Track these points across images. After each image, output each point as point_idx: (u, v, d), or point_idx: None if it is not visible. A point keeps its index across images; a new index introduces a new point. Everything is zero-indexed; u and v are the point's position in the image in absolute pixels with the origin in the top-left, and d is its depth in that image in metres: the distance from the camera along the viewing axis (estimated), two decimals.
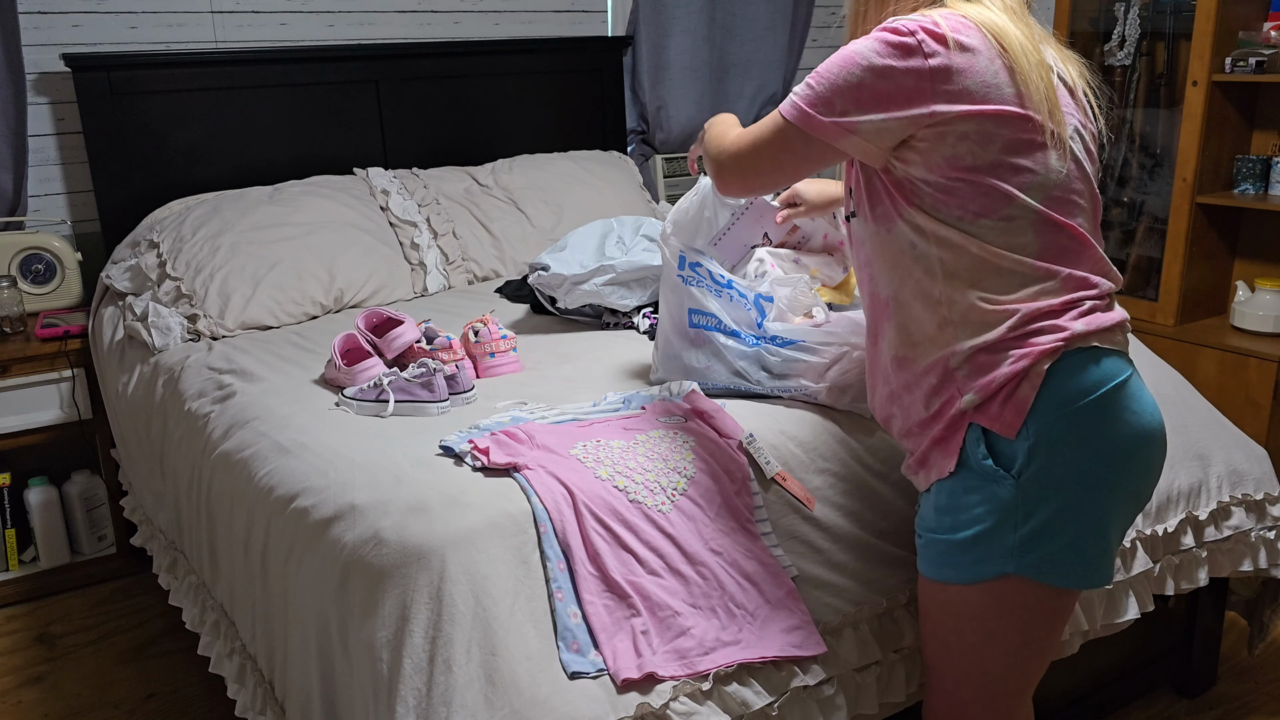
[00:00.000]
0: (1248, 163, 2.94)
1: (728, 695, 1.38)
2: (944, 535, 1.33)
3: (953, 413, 1.29)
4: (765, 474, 1.60)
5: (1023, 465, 1.25)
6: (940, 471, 1.33)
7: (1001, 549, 1.28)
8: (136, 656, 2.43)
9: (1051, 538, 1.26)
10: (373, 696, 1.33)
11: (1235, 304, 2.98)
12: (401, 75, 3.18)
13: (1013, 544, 1.27)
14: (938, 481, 1.34)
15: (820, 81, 1.27)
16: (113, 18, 2.87)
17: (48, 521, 2.70)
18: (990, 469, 1.27)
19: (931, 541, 1.36)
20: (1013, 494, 1.26)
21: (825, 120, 1.27)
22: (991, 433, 1.27)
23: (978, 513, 1.28)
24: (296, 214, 2.72)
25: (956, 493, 1.31)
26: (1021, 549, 1.27)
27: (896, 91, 1.23)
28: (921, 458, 1.37)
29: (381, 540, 1.41)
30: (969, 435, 1.29)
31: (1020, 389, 1.25)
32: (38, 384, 2.63)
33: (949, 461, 1.31)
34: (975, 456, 1.28)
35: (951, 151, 1.24)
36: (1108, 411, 1.26)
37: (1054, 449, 1.24)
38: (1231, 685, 2.21)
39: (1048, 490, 1.25)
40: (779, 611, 1.47)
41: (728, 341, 1.77)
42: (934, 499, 1.35)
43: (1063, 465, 1.25)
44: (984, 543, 1.29)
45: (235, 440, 1.86)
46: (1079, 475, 1.25)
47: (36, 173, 2.85)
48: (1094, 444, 1.26)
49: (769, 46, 3.87)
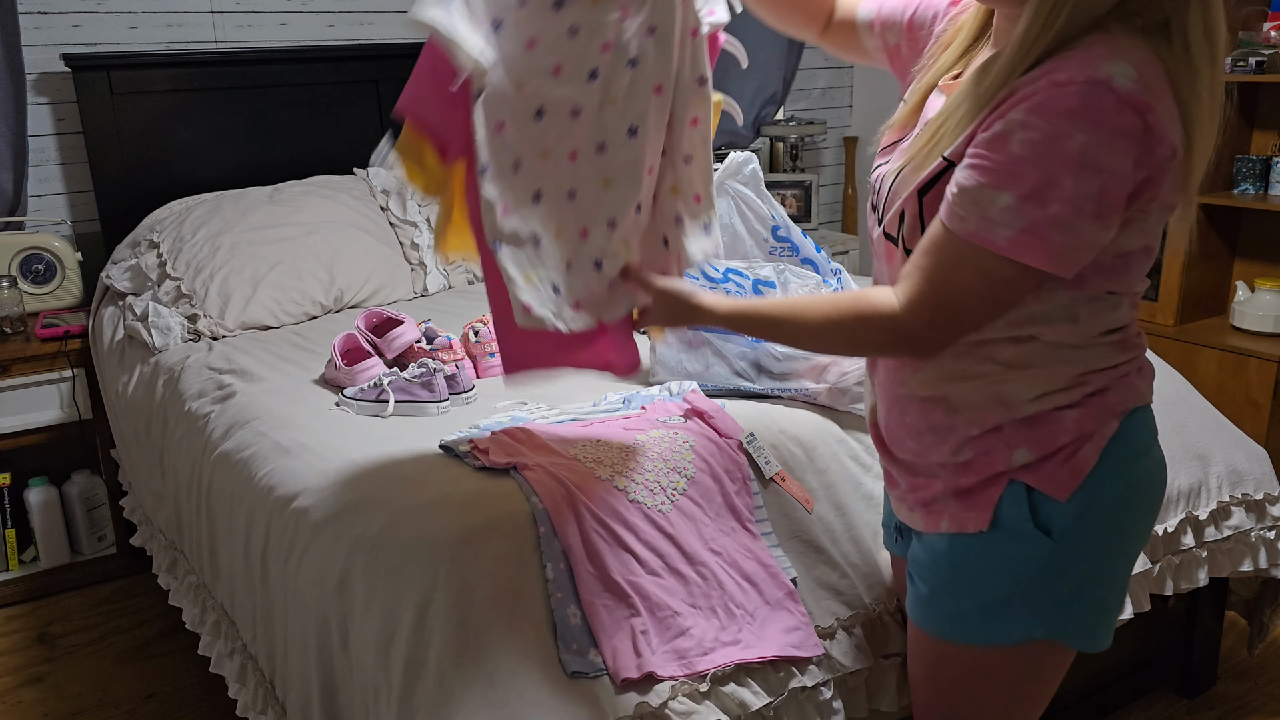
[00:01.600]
0: (1248, 163, 2.94)
1: (726, 696, 1.38)
2: (961, 594, 1.20)
3: (994, 469, 1.15)
4: (765, 474, 1.60)
5: (1067, 528, 1.13)
6: (961, 525, 1.18)
7: (1029, 612, 1.17)
8: (136, 656, 2.43)
9: (1083, 600, 1.17)
10: (373, 696, 1.33)
11: (1235, 304, 2.98)
12: (401, 75, 3.16)
13: (1042, 607, 1.16)
14: (956, 535, 1.19)
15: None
16: (113, 18, 2.87)
17: (48, 521, 2.70)
18: (1029, 531, 1.14)
19: (942, 597, 1.22)
20: (1049, 556, 1.14)
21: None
22: (1037, 492, 1.14)
23: (1006, 575, 1.16)
24: (296, 214, 2.72)
25: (981, 551, 1.17)
26: (1053, 612, 1.17)
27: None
28: (929, 500, 1.22)
29: (381, 540, 1.41)
30: (1008, 493, 1.15)
31: (1083, 450, 1.12)
32: (38, 384, 2.63)
33: (978, 518, 1.16)
34: (1014, 517, 1.14)
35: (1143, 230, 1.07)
36: (1156, 469, 1.18)
37: (1104, 512, 1.14)
38: (1231, 685, 2.21)
39: (1087, 552, 1.15)
40: (778, 612, 1.47)
41: (726, 342, 1.77)
42: (948, 552, 1.20)
43: (1108, 527, 1.15)
44: (1010, 606, 1.17)
45: (235, 440, 1.86)
46: (1120, 535, 1.17)
47: (36, 173, 2.85)
48: (1140, 503, 1.17)
49: (769, 46, 3.87)
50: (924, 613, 1.25)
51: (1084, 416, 1.12)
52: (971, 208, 1.01)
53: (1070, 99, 0.96)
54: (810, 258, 1.97)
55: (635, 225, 1.30)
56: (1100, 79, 0.95)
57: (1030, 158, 0.98)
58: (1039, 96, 0.98)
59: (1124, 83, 0.96)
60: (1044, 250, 1.00)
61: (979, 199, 1.01)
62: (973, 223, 1.02)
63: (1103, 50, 0.98)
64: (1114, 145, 0.96)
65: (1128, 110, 0.96)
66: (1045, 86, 0.98)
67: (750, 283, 1.82)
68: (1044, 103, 0.97)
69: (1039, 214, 0.98)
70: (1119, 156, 0.97)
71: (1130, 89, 0.96)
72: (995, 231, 1.00)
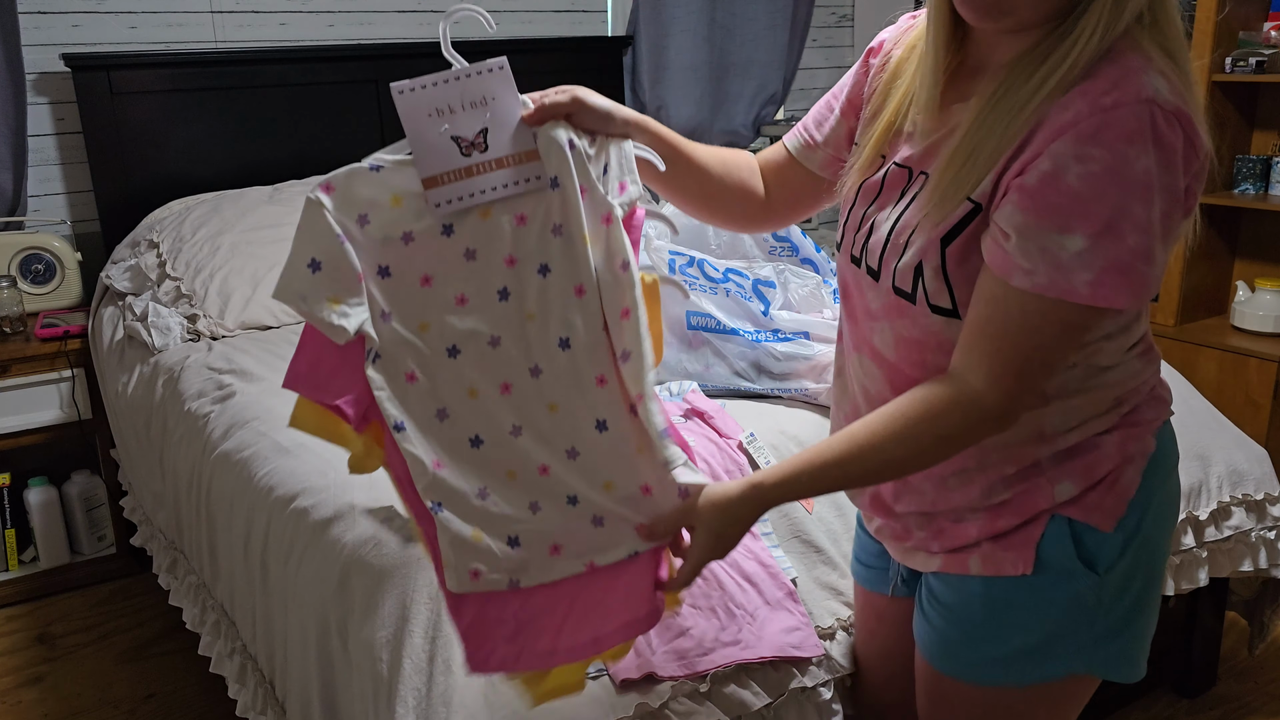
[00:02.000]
0: (1248, 163, 2.94)
1: (726, 696, 1.38)
2: (1000, 638, 1.11)
3: (1036, 507, 1.07)
4: None
5: (1113, 560, 1.07)
6: (997, 568, 1.09)
7: (1072, 649, 1.10)
8: (136, 656, 2.43)
9: (1127, 631, 1.11)
10: (373, 696, 1.33)
11: (1235, 304, 2.98)
12: (401, 75, 3.17)
13: (1086, 643, 1.09)
14: (993, 578, 1.10)
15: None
16: (113, 18, 2.87)
17: (47, 521, 2.69)
18: (1076, 569, 1.07)
19: (976, 642, 1.13)
20: (1094, 592, 1.07)
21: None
22: (1079, 525, 1.07)
23: (1049, 615, 1.09)
24: (296, 214, 2.69)
25: (1023, 594, 1.09)
26: (1095, 647, 1.10)
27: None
28: (955, 547, 1.12)
29: (381, 540, 1.41)
30: (1051, 530, 1.07)
31: (1125, 474, 1.07)
32: (37, 384, 2.62)
33: (1017, 559, 1.08)
34: (1059, 555, 1.07)
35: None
36: (1178, 483, 1.15)
37: (1147, 536, 1.09)
38: (1231, 685, 2.21)
39: (1131, 582, 1.09)
40: (778, 612, 1.47)
41: (727, 342, 1.77)
42: (983, 596, 1.11)
43: (1150, 551, 1.10)
44: (1053, 644, 1.10)
45: (235, 440, 1.86)
46: (1159, 559, 1.12)
47: (36, 173, 2.85)
48: (1171, 520, 1.13)
49: (769, 46, 3.87)
50: (950, 658, 1.15)
51: (1124, 439, 1.07)
52: (1039, 258, 0.91)
53: (1127, 122, 0.88)
54: (810, 258, 1.97)
55: (610, 446, 1.10)
56: (1148, 96, 0.89)
57: (1095, 192, 0.89)
58: (1087, 124, 0.89)
59: (1167, 96, 0.89)
60: (1127, 287, 0.91)
61: (1046, 246, 0.91)
62: (1044, 275, 0.91)
63: (1137, 61, 0.91)
64: (1170, 163, 0.90)
65: (1174, 124, 0.90)
66: (1091, 111, 0.89)
67: (750, 283, 1.82)
68: (1097, 130, 0.89)
69: (1117, 249, 0.89)
70: (1175, 174, 0.91)
71: (1172, 101, 0.90)
72: (1073, 279, 0.91)
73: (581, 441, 1.10)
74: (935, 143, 1.04)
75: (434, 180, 1.05)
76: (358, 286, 1.04)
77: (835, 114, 1.20)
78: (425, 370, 1.08)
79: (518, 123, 1.07)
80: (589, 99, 1.11)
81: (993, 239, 0.95)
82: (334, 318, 1.02)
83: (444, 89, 1.05)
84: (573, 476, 1.10)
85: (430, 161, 1.05)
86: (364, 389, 1.07)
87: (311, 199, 1.03)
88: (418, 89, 1.05)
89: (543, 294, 1.07)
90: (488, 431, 1.09)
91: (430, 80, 1.05)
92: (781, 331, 1.78)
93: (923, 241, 1.01)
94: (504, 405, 1.09)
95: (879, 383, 1.12)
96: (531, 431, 1.09)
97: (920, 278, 1.02)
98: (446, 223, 1.06)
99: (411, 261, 1.06)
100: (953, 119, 1.03)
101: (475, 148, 1.06)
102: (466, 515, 1.09)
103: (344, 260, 1.03)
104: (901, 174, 1.07)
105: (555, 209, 1.07)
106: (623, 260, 1.07)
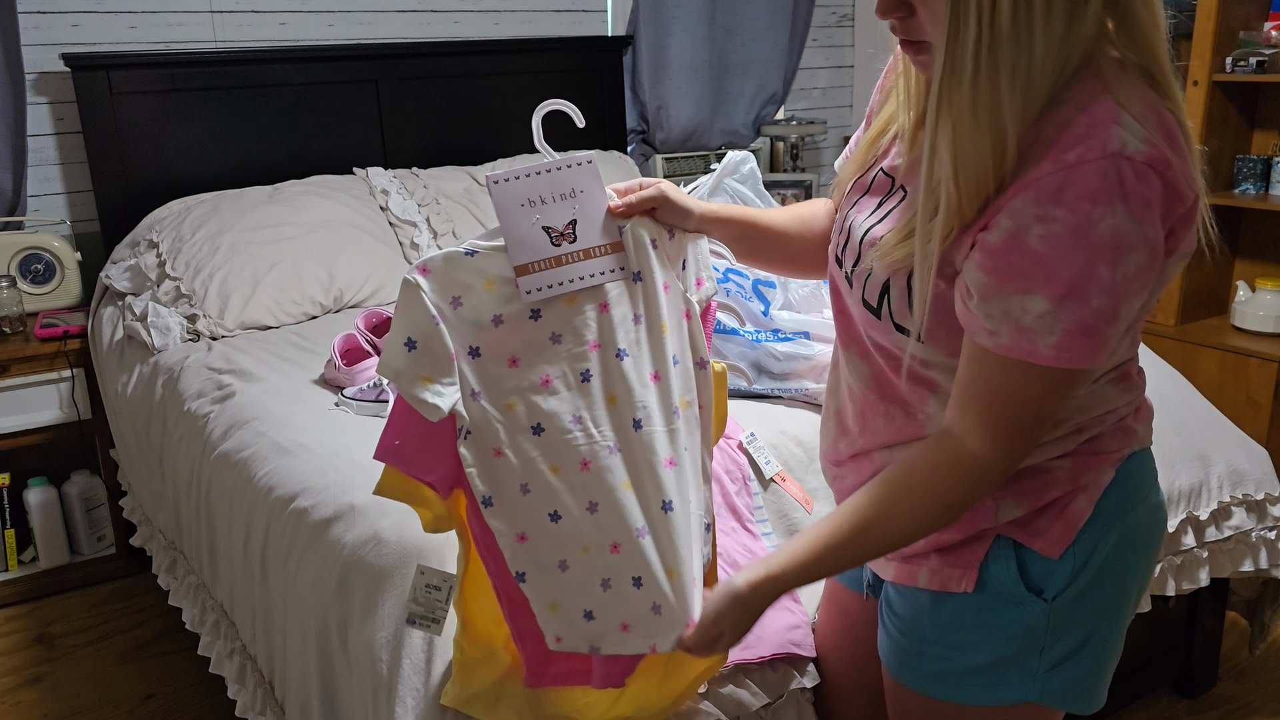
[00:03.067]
0: (1248, 162, 2.94)
1: (724, 696, 1.38)
2: (947, 655, 1.10)
3: (979, 525, 1.06)
4: (765, 474, 1.60)
5: (1061, 587, 1.05)
6: (943, 583, 1.09)
7: (1022, 676, 1.08)
8: (136, 657, 2.43)
9: (1080, 662, 1.08)
10: (372, 696, 1.33)
11: (1236, 304, 2.98)
12: (401, 75, 3.18)
13: (1036, 671, 1.07)
14: (940, 592, 1.10)
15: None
16: (112, 17, 2.87)
17: (47, 522, 2.69)
18: (1020, 593, 1.05)
19: (925, 656, 1.12)
20: (1042, 619, 1.05)
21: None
22: (1025, 549, 1.05)
23: (996, 637, 1.07)
24: (296, 214, 2.71)
25: (968, 613, 1.08)
26: (1046, 676, 1.07)
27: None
28: (907, 555, 1.12)
29: (381, 540, 1.41)
30: (994, 549, 1.06)
31: (1076, 502, 1.04)
32: (37, 384, 2.62)
33: (961, 577, 1.07)
34: (1002, 578, 1.06)
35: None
36: (1155, 515, 1.10)
37: (1102, 568, 1.05)
38: (1232, 685, 2.21)
39: (1083, 612, 1.06)
40: (778, 612, 1.47)
41: (727, 342, 1.77)
42: (931, 609, 1.11)
43: (1106, 584, 1.07)
44: (1001, 668, 1.08)
45: (235, 440, 1.86)
46: (1118, 591, 1.08)
47: (36, 172, 2.85)
48: (1138, 554, 1.09)
49: (769, 46, 3.87)
50: (904, 668, 1.15)
51: (1077, 466, 1.04)
52: (1001, 320, 0.90)
53: (1089, 180, 0.84)
54: None
55: (675, 528, 1.14)
56: (1114, 150, 0.84)
57: (1057, 254, 0.86)
58: (1049, 180, 0.86)
59: (1139, 146, 0.85)
60: (1091, 349, 0.89)
61: (1008, 309, 0.89)
62: (1007, 336, 0.90)
63: (1106, 109, 0.87)
64: (1144, 216, 0.85)
65: (1149, 174, 0.85)
66: (1054, 169, 0.86)
67: (750, 283, 1.82)
68: (1059, 189, 0.85)
69: (1080, 311, 0.87)
70: (1150, 226, 0.86)
71: (1146, 151, 0.85)
72: (1036, 341, 0.89)
73: (651, 520, 1.14)
74: (914, 158, 1.03)
75: (525, 269, 1.10)
76: (450, 366, 1.09)
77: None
78: (511, 447, 1.12)
79: (604, 216, 1.13)
80: (672, 195, 1.14)
81: (960, 296, 0.94)
82: (429, 396, 1.07)
83: (536, 181, 1.11)
84: (640, 557, 1.14)
85: (523, 251, 1.10)
86: (452, 464, 1.12)
87: (409, 281, 1.08)
88: (512, 180, 1.10)
89: (622, 378, 1.12)
90: (566, 507, 1.13)
91: (524, 171, 1.11)
92: (781, 331, 1.78)
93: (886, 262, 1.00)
94: (582, 482, 1.13)
95: (864, 380, 1.11)
96: (607, 508, 1.13)
97: (886, 295, 1.01)
98: (535, 308, 1.11)
99: (501, 343, 1.11)
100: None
101: (565, 238, 1.12)
102: (548, 587, 1.15)
103: (438, 340, 1.08)
104: (886, 182, 1.07)
105: (638, 300, 1.13)
106: (700, 358, 1.17)
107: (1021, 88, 0.87)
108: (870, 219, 1.05)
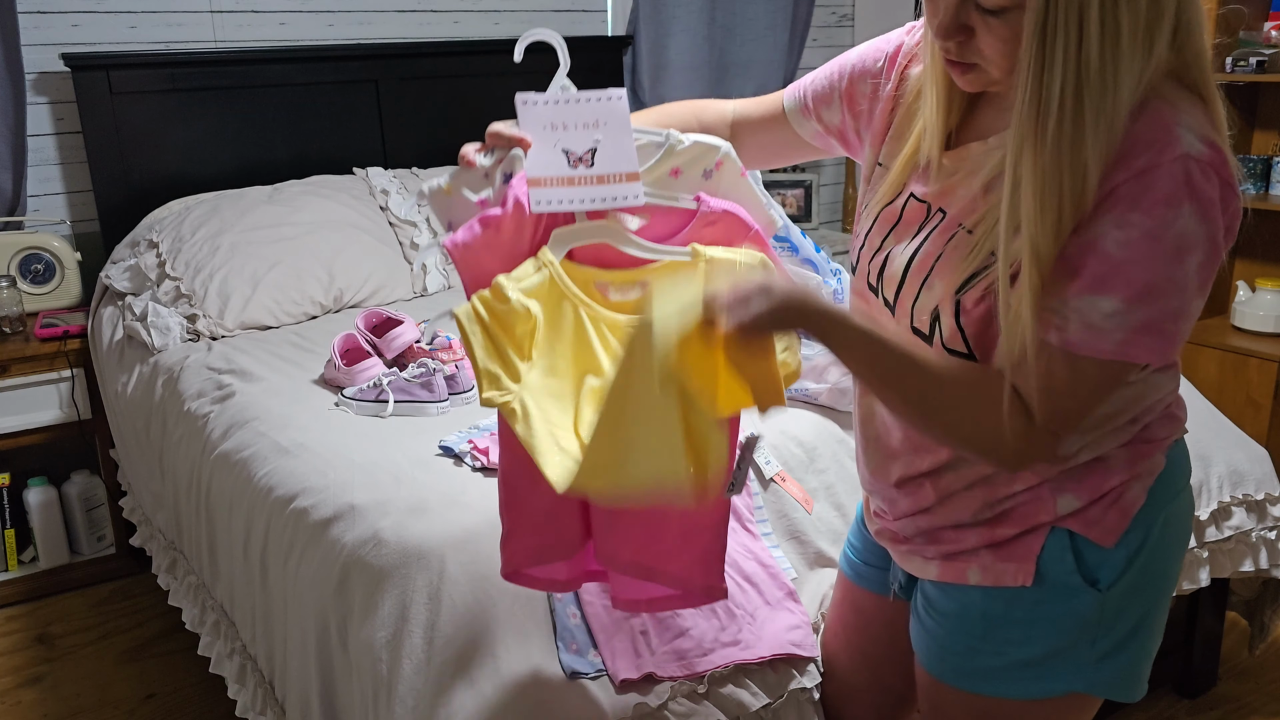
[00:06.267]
0: (1248, 163, 2.94)
1: (724, 696, 1.38)
2: (999, 651, 1.11)
3: (1037, 519, 1.07)
4: (765, 474, 1.60)
5: (1115, 577, 1.06)
6: (997, 579, 1.09)
7: (1073, 666, 1.09)
8: (136, 657, 2.43)
9: (1128, 650, 1.10)
10: (372, 696, 1.33)
11: (1236, 304, 2.98)
12: (401, 75, 3.18)
13: (1087, 661, 1.09)
14: (992, 588, 1.10)
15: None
16: (112, 17, 2.87)
17: (47, 522, 2.69)
18: (1077, 584, 1.06)
19: (974, 653, 1.12)
20: (1095, 609, 1.07)
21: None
22: (1081, 539, 1.06)
23: (1050, 630, 1.08)
24: (296, 214, 2.71)
25: (1022, 607, 1.08)
26: (1097, 666, 1.09)
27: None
28: (954, 554, 1.13)
29: (381, 540, 1.41)
30: (1051, 542, 1.06)
31: (1131, 490, 1.06)
32: (37, 384, 2.62)
33: (1018, 571, 1.08)
34: (1059, 570, 1.06)
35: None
36: (1190, 501, 1.14)
37: (1152, 554, 1.07)
38: (1232, 685, 2.21)
39: (1134, 600, 1.08)
40: (778, 612, 1.47)
41: None
42: (982, 605, 1.11)
43: (1155, 571, 1.09)
44: (1053, 660, 1.09)
45: (235, 440, 1.86)
46: (1165, 578, 1.10)
47: (36, 172, 2.85)
48: (1180, 539, 1.12)
49: (769, 46, 3.87)
50: (946, 665, 1.15)
51: (1134, 456, 1.06)
52: (1072, 316, 0.92)
53: (1163, 183, 0.88)
54: (810, 258, 1.96)
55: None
56: (1182, 153, 0.88)
57: (1133, 258, 0.89)
58: (1124, 191, 0.89)
59: (1200, 148, 0.89)
60: (1158, 346, 0.92)
61: (1080, 307, 0.92)
62: (1075, 332, 0.92)
63: (1163, 113, 0.90)
64: (1209, 215, 0.90)
65: (1211, 174, 0.89)
66: (1126, 179, 0.89)
67: None
68: (1134, 197, 0.89)
69: (1150, 311, 0.90)
70: (1213, 224, 0.91)
71: (1207, 152, 0.89)
72: (1103, 338, 0.91)
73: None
74: (954, 183, 1.04)
75: (538, 181, 1.13)
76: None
77: (837, 101, 1.21)
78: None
79: (624, 149, 1.16)
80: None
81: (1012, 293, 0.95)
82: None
83: (563, 108, 1.18)
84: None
85: (539, 166, 1.14)
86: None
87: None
88: (540, 104, 1.17)
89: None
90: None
91: (554, 98, 1.17)
92: None
93: (938, 286, 1.01)
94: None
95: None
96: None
97: (937, 322, 1.02)
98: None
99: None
100: (971, 158, 1.03)
101: (582, 162, 1.16)
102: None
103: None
104: (920, 209, 1.07)
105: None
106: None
107: (1105, 127, 0.89)
108: (913, 245, 1.06)
